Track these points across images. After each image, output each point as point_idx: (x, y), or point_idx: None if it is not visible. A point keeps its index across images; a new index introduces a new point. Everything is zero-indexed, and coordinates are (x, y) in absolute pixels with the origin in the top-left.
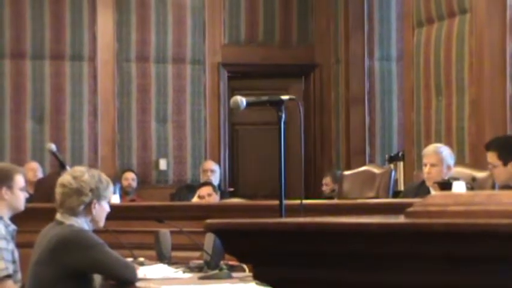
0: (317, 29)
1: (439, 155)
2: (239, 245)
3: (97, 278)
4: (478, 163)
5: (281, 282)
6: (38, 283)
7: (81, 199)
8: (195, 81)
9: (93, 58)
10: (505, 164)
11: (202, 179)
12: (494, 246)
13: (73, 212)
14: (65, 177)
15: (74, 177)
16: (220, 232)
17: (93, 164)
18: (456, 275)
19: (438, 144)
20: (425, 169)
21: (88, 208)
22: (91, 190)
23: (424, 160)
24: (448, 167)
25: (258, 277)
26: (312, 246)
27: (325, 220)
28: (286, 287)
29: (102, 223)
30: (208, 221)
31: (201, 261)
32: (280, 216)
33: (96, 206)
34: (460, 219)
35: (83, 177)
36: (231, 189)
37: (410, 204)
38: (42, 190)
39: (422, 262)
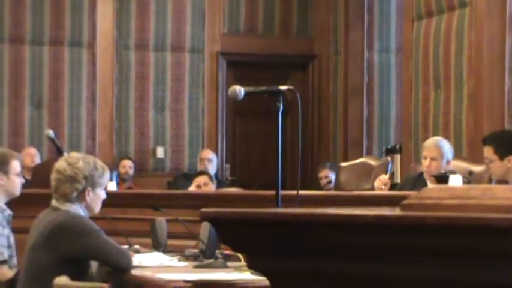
0: (317, 20)
1: (440, 149)
2: (233, 234)
3: (93, 265)
4: (476, 157)
5: (275, 272)
6: (33, 268)
7: (74, 186)
8: (194, 70)
9: (92, 45)
10: (502, 158)
11: (200, 168)
12: (488, 240)
13: (67, 199)
14: (60, 163)
15: (69, 164)
16: (215, 221)
17: (90, 151)
18: (449, 268)
19: (439, 138)
20: (425, 162)
21: (82, 195)
22: (85, 177)
23: (425, 153)
24: (448, 162)
25: (252, 267)
26: (307, 237)
27: (319, 211)
28: (280, 277)
29: (96, 210)
30: (203, 209)
31: (196, 250)
32: (277, 206)
33: (90, 193)
34: (455, 212)
35: (78, 164)
36: (231, 178)
37: (406, 197)
38: (39, 176)
39: (416, 254)
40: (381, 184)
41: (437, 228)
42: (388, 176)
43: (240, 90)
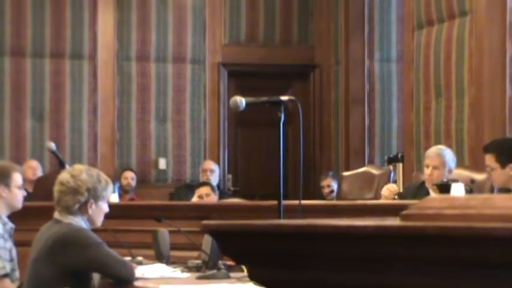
0: (317, 30)
1: (442, 158)
2: (234, 246)
3: (95, 277)
4: (477, 165)
5: (276, 283)
6: (36, 281)
7: (76, 198)
8: (195, 80)
9: (93, 57)
10: (503, 166)
11: (202, 179)
12: (489, 249)
13: (69, 211)
14: (64, 175)
15: (72, 176)
16: (216, 233)
17: (92, 163)
18: (450, 278)
19: (441, 147)
20: (427, 171)
21: (84, 207)
22: (88, 190)
23: (427, 161)
24: (450, 170)
25: (253, 278)
26: (307, 248)
27: (319, 222)
28: None
29: (98, 223)
30: (204, 222)
31: (199, 261)
32: (279, 216)
33: (93, 206)
34: (455, 222)
35: (81, 176)
36: (233, 188)
37: (408, 206)
38: (41, 188)
39: (417, 265)
40: (389, 194)
41: (438, 238)
42: (396, 186)
43: (241, 100)
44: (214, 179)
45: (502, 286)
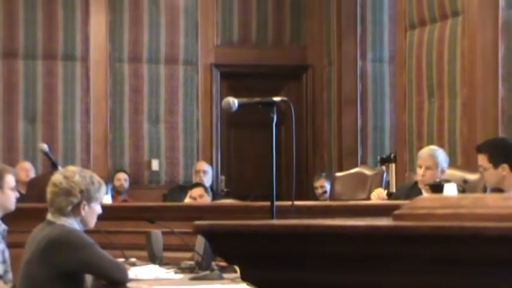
0: (310, 30)
1: (435, 158)
2: (226, 246)
3: (88, 278)
4: (470, 165)
5: (268, 284)
6: (29, 283)
7: (69, 199)
8: (188, 82)
9: (85, 58)
10: (496, 166)
11: (195, 180)
12: (480, 249)
13: (62, 212)
14: (57, 177)
15: (65, 177)
16: (208, 233)
17: (85, 164)
18: (441, 277)
19: (434, 147)
20: (420, 171)
21: (77, 209)
22: (81, 191)
23: (419, 162)
24: (442, 171)
25: (245, 278)
26: (299, 248)
27: (311, 222)
28: None
29: (91, 224)
30: (196, 222)
31: (192, 262)
32: (272, 217)
33: (86, 207)
34: (447, 222)
35: (74, 177)
36: (226, 189)
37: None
38: (34, 190)
39: (408, 264)
40: (378, 200)
41: (430, 237)
42: (385, 191)
43: (233, 101)
44: (207, 180)
45: (494, 285)
